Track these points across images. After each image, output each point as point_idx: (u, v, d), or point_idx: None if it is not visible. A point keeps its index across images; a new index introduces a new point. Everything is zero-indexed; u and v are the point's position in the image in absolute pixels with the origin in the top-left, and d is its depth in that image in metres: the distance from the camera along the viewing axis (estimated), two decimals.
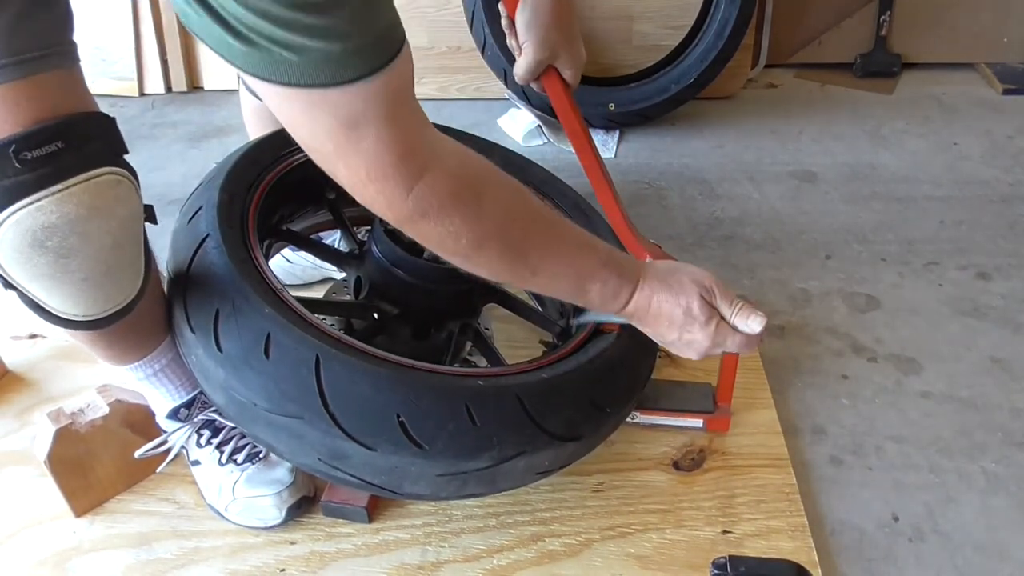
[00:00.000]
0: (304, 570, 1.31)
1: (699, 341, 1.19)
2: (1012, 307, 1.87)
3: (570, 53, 1.40)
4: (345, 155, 0.92)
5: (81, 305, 1.07)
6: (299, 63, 0.82)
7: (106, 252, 1.05)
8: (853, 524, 1.39)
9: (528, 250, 1.09)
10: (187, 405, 1.36)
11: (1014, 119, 2.72)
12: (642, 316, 1.20)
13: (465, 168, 1.03)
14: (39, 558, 1.34)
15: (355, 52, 0.84)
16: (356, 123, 0.89)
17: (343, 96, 0.86)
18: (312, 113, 0.88)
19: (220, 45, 0.82)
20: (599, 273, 1.15)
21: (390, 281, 1.39)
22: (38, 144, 0.95)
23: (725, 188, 2.39)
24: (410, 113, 0.95)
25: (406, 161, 0.94)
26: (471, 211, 1.01)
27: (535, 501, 1.41)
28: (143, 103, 3.00)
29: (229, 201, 1.31)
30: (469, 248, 1.04)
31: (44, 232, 0.98)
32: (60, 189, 0.97)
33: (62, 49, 1.00)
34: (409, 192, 0.96)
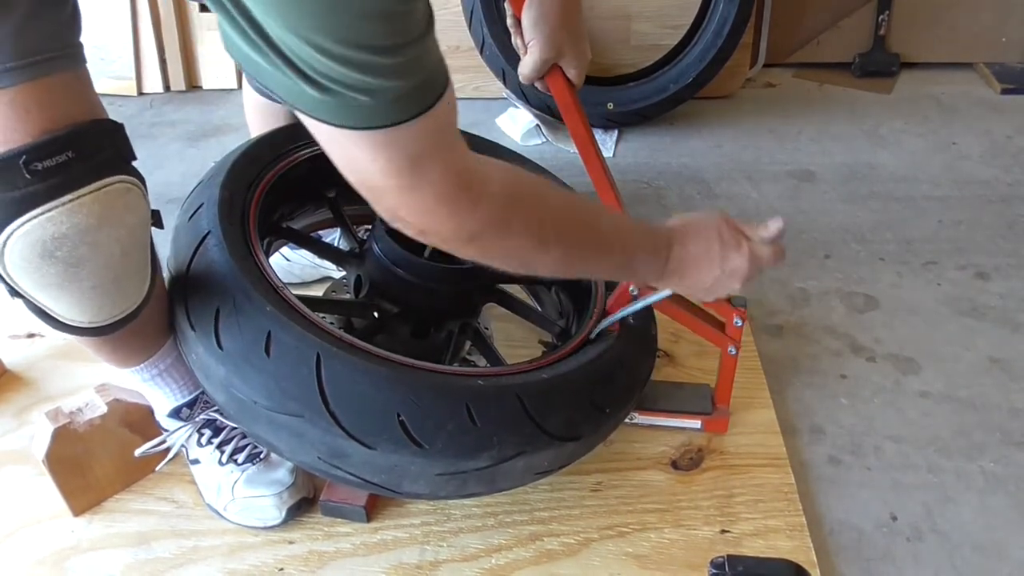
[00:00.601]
0: (303, 569, 1.31)
1: (739, 265, 1.20)
2: (1011, 307, 1.87)
3: (575, 52, 1.40)
4: (413, 188, 0.91)
5: (88, 313, 1.08)
6: (371, 105, 0.82)
7: (115, 260, 1.05)
8: (851, 524, 1.39)
9: (582, 242, 1.11)
10: (189, 405, 1.36)
11: (1013, 119, 2.72)
12: (684, 268, 1.20)
13: (516, 179, 1.04)
14: (37, 557, 1.33)
15: (420, 87, 0.85)
16: (422, 155, 0.89)
17: (411, 131, 0.86)
18: (382, 152, 0.87)
19: (291, 94, 0.83)
20: (640, 246, 1.17)
21: (390, 280, 1.39)
22: (49, 155, 0.95)
23: (723, 188, 2.39)
24: (460, 136, 0.96)
25: (469, 181, 0.95)
26: (532, 216, 1.03)
27: (533, 500, 1.41)
28: (141, 102, 3.00)
29: (230, 199, 1.31)
30: (533, 251, 1.05)
31: (54, 242, 0.98)
32: (71, 199, 0.97)
33: (70, 51, 1.00)
34: (476, 208, 0.96)
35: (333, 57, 0.76)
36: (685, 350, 1.70)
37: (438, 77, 0.88)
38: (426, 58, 0.84)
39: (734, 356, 1.46)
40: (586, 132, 1.43)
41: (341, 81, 0.79)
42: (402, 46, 0.80)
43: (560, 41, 1.37)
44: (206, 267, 1.20)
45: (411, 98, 0.85)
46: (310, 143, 1.50)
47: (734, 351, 1.45)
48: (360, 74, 0.78)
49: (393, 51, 0.79)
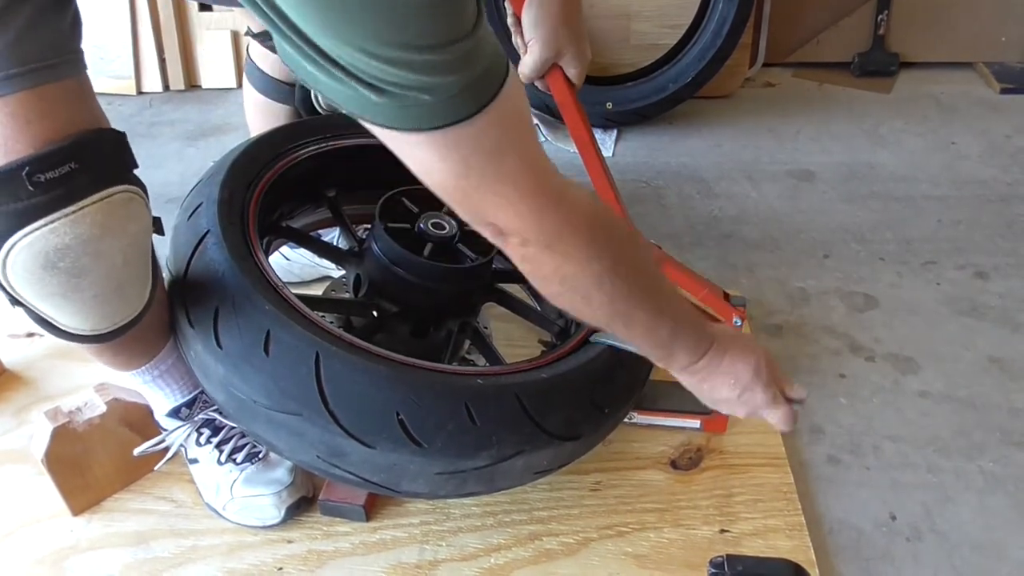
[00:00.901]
0: (302, 569, 1.30)
1: (757, 401, 1.18)
2: (1010, 307, 1.87)
3: (576, 52, 1.39)
4: (492, 183, 0.89)
5: (91, 321, 1.08)
6: (432, 103, 0.80)
7: (117, 269, 1.05)
8: (851, 523, 1.39)
9: (639, 293, 1.05)
10: (188, 404, 1.36)
11: (1012, 118, 2.72)
12: (711, 373, 1.17)
13: (598, 202, 1.02)
14: (36, 556, 1.33)
15: (479, 79, 0.83)
16: (496, 148, 0.87)
17: (478, 125, 0.84)
18: (454, 151, 0.85)
19: (353, 102, 0.81)
20: (686, 328, 1.13)
21: (389, 279, 1.39)
22: (51, 166, 0.95)
23: (723, 187, 2.39)
24: (533, 126, 0.93)
25: (549, 180, 0.93)
26: (603, 236, 0.99)
27: (533, 500, 1.41)
28: (141, 101, 2.99)
29: (229, 198, 1.30)
30: (596, 287, 1.00)
31: (57, 253, 0.98)
32: (74, 211, 0.97)
33: (71, 58, 0.99)
34: (559, 208, 0.94)
35: (388, 60, 0.76)
36: None
37: (497, 67, 0.85)
38: (481, 49, 0.82)
39: None
40: (586, 132, 1.43)
41: (398, 83, 0.77)
42: (455, 41, 0.78)
43: (560, 40, 1.37)
44: (205, 266, 1.20)
45: (472, 92, 0.83)
46: (309, 142, 1.50)
47: None
48: (416, 74, 0.77)
49: (446, 47, 0.78)
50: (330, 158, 1.51)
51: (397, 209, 1.43)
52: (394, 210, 1.43)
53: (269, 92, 1.70)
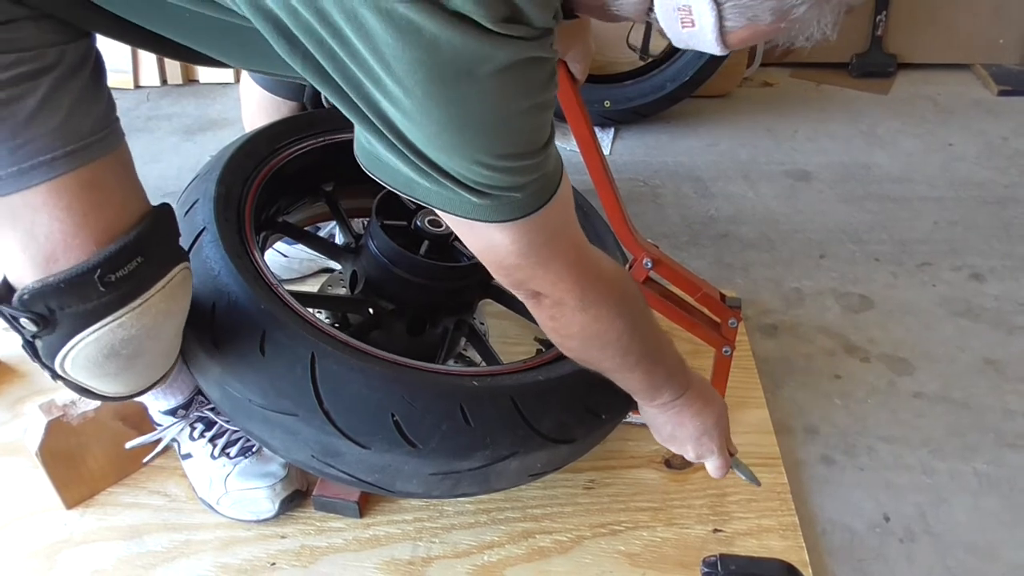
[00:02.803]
0: (295, 564, 1.31)
1: (712, 445, 1.22)
2: (1005, 308, 1.87)
3: (582, 47, 1.38)
4: (547, 262, 0.98)
5: (132, 387, 1.11)
6: (519, 199, 0.90)
7: (169, 342, 1.10)
8: (844, 524, 1.39)
9: (646, 352, 1.14)
10: (185, 406, 1.36)
11: (1009, 120, 2.72)
12: (678, 413, 1.21)
13: (622, 271, 1.13)
14: (30, 550, 1.33)
15: (551, 174, 0.93)
16: (555, 232, 0.97)
17: (546, 214, 0.93)
18: (524, 236, 0.94)
19: (451, 204, 0.89)
20: (674, 374, 1.20)
21: (386, 276, 1.39)
22: (120, 265, 0.96)
23: (720, 187, 2.39)
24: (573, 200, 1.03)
25: (588, 256, 1.04)
26: (628, 310, 1.09)
27: (526, 498, 1.41)
28: (138, 95, 2.99)
29: (226, 194, 1.30)
30: (616, 343, 1.10)
31: (121, 344, 1.00)
32: (140, 303, 0.99)
33: (113, 128, 1.01)
34: (598, 283, 1.04)
35: (496, 169, 0.84)
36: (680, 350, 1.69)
37: (559, 159, 0.96)
38: (550, 145, 0.91)
39: (728, 356, 1.46)
40: (588, 130, 1.41)
41: (500, 186, 0.86)
42: (545, 143, 0.88)
43: (566, 36, 1.35)
44: (201, 264, 1.20)
45: (546, 186, 0.93)
46: (306, 137, 1.49)
47: (728, 352, 1.45)
48: (517, 176, 0.87)
49: (540, 151, 0.88)
50: (327, 153, 1.51)
51: (394, 206, 1.43)
52: (391, 207, 1.42)
53: (277, 90, 1.68)
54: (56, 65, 0.91)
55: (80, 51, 0.94)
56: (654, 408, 1.22)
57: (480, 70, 0.76)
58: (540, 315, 1.07)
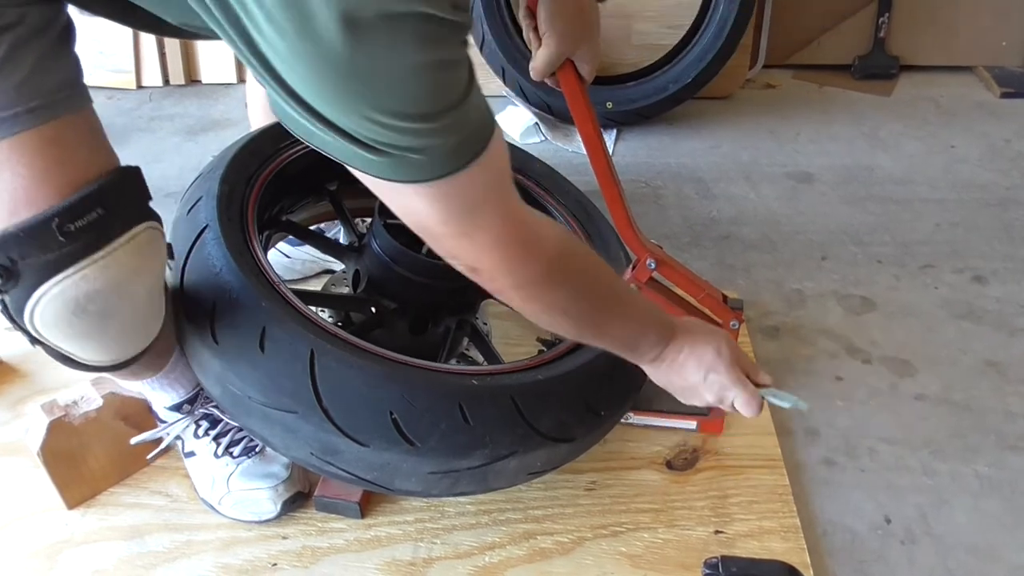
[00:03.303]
0: (296, 565, 1.31)
1: (723, 381, 1.20)
2: (1007, 311, 1.87)
3: (590, 47, 1.37)
4: (470, 233, 0.95)
5: (111, 354, 1.10)
6: (423, 161, 0.85)
7: (142, 305, 1.07)
8: (845, 526, 1.39)
9: (606, 310, 1.13)
10: (190, 401, 1.36)
11: (1012, 123, 2.72)
12: (672, 361, 1.20)
13: (562, 232, 1.07)
14: (31, 550, 1.33)
15: (470, 138, 0.88)
16: (477, 202, 0.93)
17: (463, 179, 0.89)
18: (439, 202, 0.90)
19: (346, 155, 0.85)
20: (650, 328, 1.18)
21: (388, 275, 1.39)
22: (80, 214, 0.96)
23: (721, 188, 2.39)
24: (510, 176, 0.99)
25: (523, 233, 0.99)
26: (573, 271, 1.07)
27: (527, 499, 1.41)
28: (140, 96, 2.99)
29: (229, 193, 1.30)
30: (565, 314, 1.08)
31: (87, 298, 0.99)
32: (103, 256, 0.98)
33: (78, 91, 1.00)
34: (528, 261, 1.00)
35: (388, 127, 0.80)
36: None
37: (485, 126, 0.90)
38: (472, 112, 0.86)
39: None
40: (594, 130, 1.41)
41: (395, 144, 0.82)
42: (449, 109, 0.83)
43: (576, 36, 1.34)
44: (203, 261, 1.20)
45: (460, 150, 0.88)
46: None
47: None
48: (413, 137, 0.82)
49: (440, 115, 0.82)
50: None
51: None
52: None
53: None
54: (16, 24, 0.91)
55: (44, 14, 0.94)
56: (650, 367, 1.22)
57: (361, 13, 0.71)
58: (486, 288, 1.05)
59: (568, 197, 1.66)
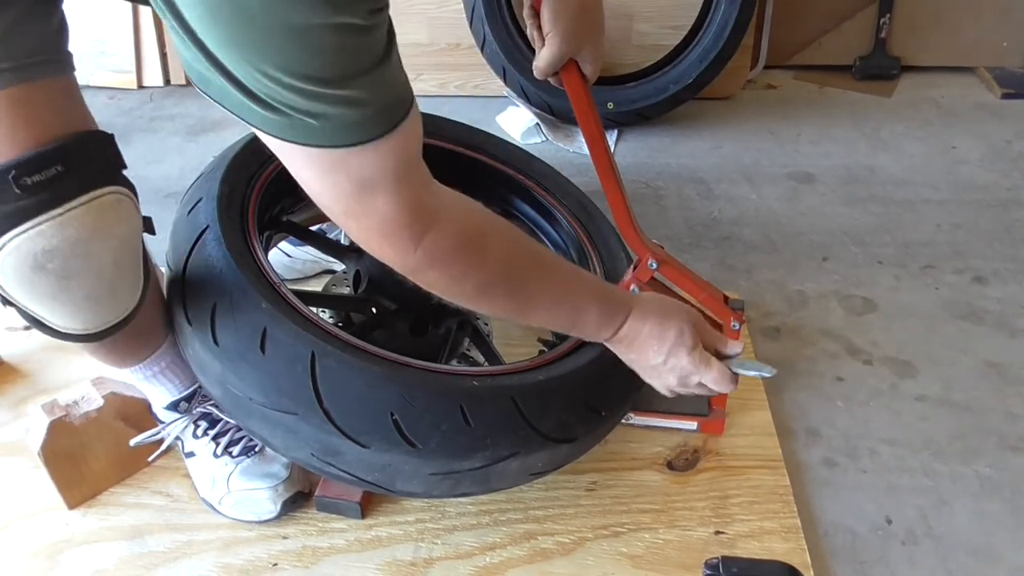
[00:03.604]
0: (296, 565, 1.30)
1: (683, 365, 1.19)
2: (1008, 311, 1.87)
3: (593, 47, 1.37)
4: (358, 214, 0.94)
5: (82, 321, 1.08)
6: (319, 127, 0.84)
7: (107, 270, 1.05)
8: (846, 526, 1.39)
9: (529, 290, 1.11)
10: (187, 399, 1.36)
11: (1013, 123, 2.72)
12: (632, 340, 1.20)
13: (469, 219, 1.05)
14: (32, 550, 1.33)
15: (372, 117, 0.86)
16: (370, 183, 0.91)
17: (358, 157, 0.88)
18: (329, 174, 0.90)
19: (241, 109, 0.84)
20: (593, 304, 1.17)
21: (389, 276, 1.39)
22: (38, 169, 0.95)
23: (723, 189, 2.39)
24: (417, 170, 0.97)
25: (415, 217, 0.96)
26: (476, 260, 1.04)
27: (528, 499, 1.41)
28: (141, 96, 2.99)
29: (229, 193, 1.30)
30: (475, 293, 1.07)
31: (45, 255, 0.98)
32: (60, 213, 0.97)
33: (57, 58, 0.99)
34: (418, 245, 0.98)
35: (282, 85, 0.79)
36: None
37: (396, 106, 0.89)
38: (381, 87, 0.85)
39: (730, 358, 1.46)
40: (597, 129, 1.40)
41: (290, 105, 0.81)
42: (353, 77, 0.82)
43: (580, 35, 1.33)
44: (203, 262, 1.20)
45: (362, 125, 0.86)
46: None
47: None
48: (309, 100, 0.81)
49: (343, 82, 0.81)
50: None
51: None
52: None
53: None
54: None
55: None
56: (611, 345, 1.22)
57: None
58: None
59: (569, 197, 1.66)
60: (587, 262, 1.56)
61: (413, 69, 2.93)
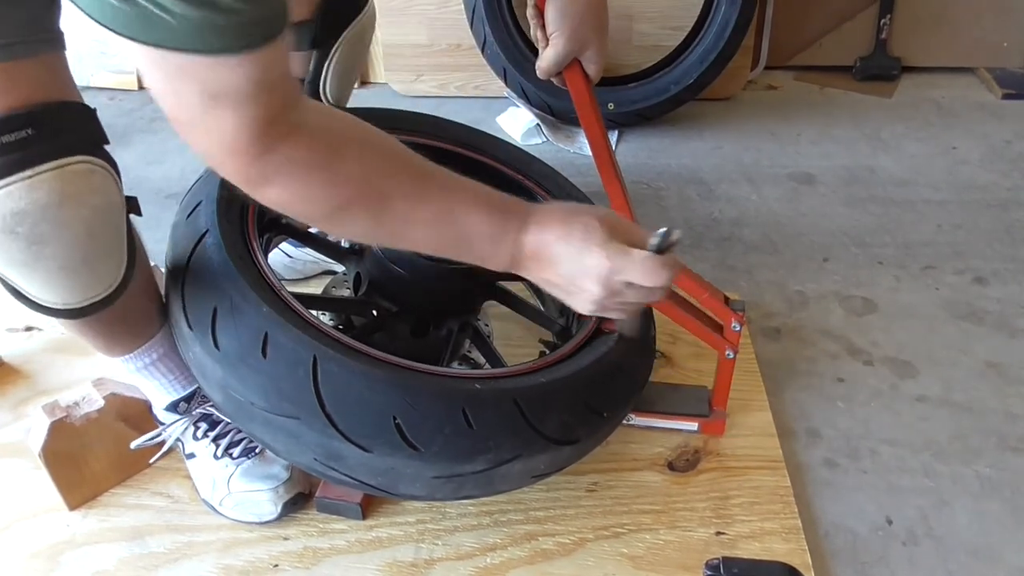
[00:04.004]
0: (297, 566, 1.31)
1: (598, 264, 1.03)
2: (1008, 312, 1.87)
3: (597, 46, 1.36)
4: (204, 124, 0.89)
5: (59, 293, 1.08)
6: (174, 27, 0.78)
7: (81, 240, 1.05)
8: (847, 527, 1.39)
9: (397, 208, 1.02)
10: (187, 399, 1.36)
11: (1013, 124, 2.72)
12: (539, 255, 1.07)
13: (326, 136, 0.99)
14: (32, 551, 1.34)
15: (233, 27, 0.81)
16: (219, 95, 0.86)
17: (212, 66, 0.83)
18: (179, 79, 0.85)
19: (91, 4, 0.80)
20: (481, 217, 1.05)
21: (389, 278, 1.39)
22: (8, 130, 0.95)
23: (723, 189, 2.39)
24: (272, 94, 0.91)
25: (264, 135, 0.91)
26: (327, 177, 0.98)
27: (529, 500, 1.41)
28: (142, 96, 2.99)
29: (229, 196, 1.30)
30: (328, 213, 1.01)
31: (14, 218, 0.98)
32: (29, 175, 0.97)
33: (46, 36, 1.00)
34: (255, 162, 0.93)
35: None
36: (683, 352, 1.70)
37: (261, 27, 0.84)
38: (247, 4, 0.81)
39: (732, 359, 1.46)
40: (600, 130, 1.40)
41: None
42: None
43: (584, 35, 1.33)
44: (204, 266, 1.20)
45: (220, 34, 0.81)
46: None
47: (731, 355, 1.45)
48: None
49: None
50: None
51: None
52: None
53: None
54: None
55: None
56: (522, 271, 1.10)
57: None
58: None
59: (570, 197, 1.66)
60: None
61: (414, 70, 2.93)
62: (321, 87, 1.64)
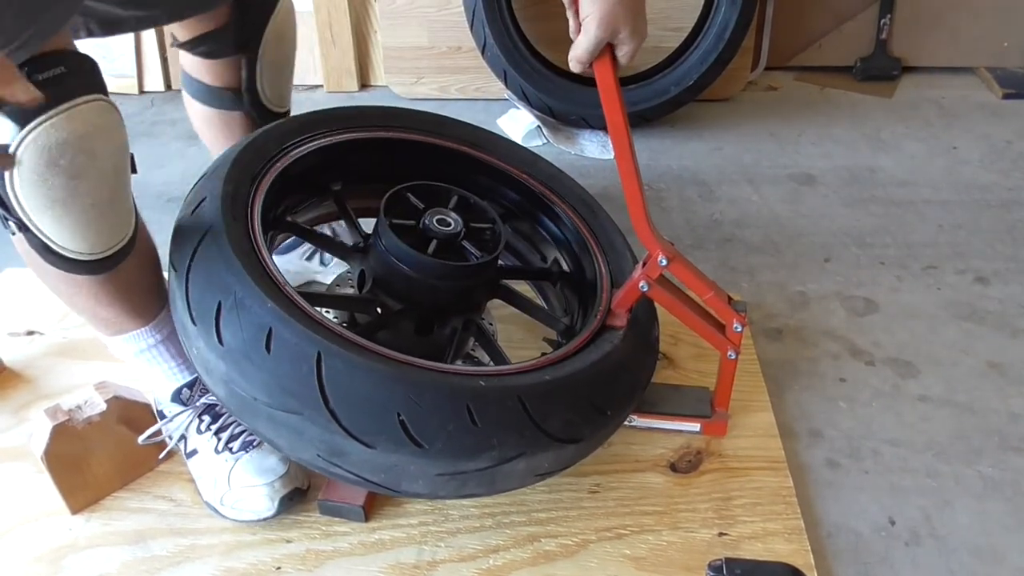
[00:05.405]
0: (300, 568, 1.30)
1: None
2: (1010, 311, 1.87)
3: (633, 28, 1.27)
4: None
5: (88, 238, 1.14)
6: None
7: (109, 176, 1.13)
8: (849, 527, 1.39)
9: None
10: (189, 385, 1.37)
11: (1014, 124, 2.72)
12: None
13: None
14: (35, 554, 1.33)
15: None
16: None
17: None
18: None
19: None
20: None
21: (393, 276, 1.39)
22: (44, 68, 1.05)
23: (724, 190, 2.39)
24: None
25: None
26: None
27: (532, 502, 1.41)
28: (143, 100, 3.00)
29: (233, 193, 1.30)
30: None
31: (58, 148, 1.05)
32: (68, 107, 1.05)
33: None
34: None
35: None
36: (685, 353, 1.70)
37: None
38: None
39: (733, 360, 1.46)
40: (622, 120, 1.35)
41: None
42: None
43: (619, 18, 1.25)
44: (208, 262, 1.20)
45: None
46: (315, 136, 1.50)
47: (733, 355, 1.45)
48: None
49: None
50: (335, 152, 1.51)
51: (402, 205, 1.43)
52: (399, 206, 1.43)
53: (212, 102, 1.67)
54: None
55: None
56: None
57: None
58: None
59: (573, 196, 1.66)
60: (592, 260, 1.56)
61: (414, 73, 2.93)
62: (259, 90, 1.63)
